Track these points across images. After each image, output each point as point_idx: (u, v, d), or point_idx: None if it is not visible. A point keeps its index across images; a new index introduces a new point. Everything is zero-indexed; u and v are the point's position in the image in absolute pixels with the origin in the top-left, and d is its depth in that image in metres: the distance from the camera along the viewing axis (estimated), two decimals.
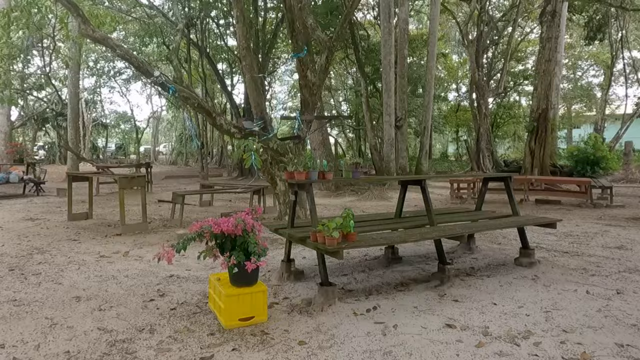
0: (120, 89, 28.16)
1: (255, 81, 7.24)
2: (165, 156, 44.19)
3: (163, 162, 39.02)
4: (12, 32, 11.09)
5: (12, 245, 5.66)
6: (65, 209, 9.18)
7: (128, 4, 18.92)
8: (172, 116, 39.29)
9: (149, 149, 45.39)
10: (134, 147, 47.72)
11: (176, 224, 7.15)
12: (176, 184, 16.05)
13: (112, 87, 29.47)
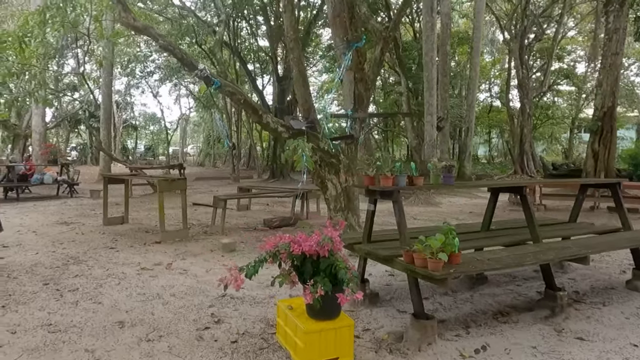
0: (152, 90, 28.16)
1: (304, 76, 6.63)
2: (193, 157, 44.38)
3: (191, 164, 39.09)
4: (48, 31, 10.86)
5: (46, 254, 5.22)
6: (99, 212, 8.81)
7: (160, 4, 18.73)
8: (200, 117, 39.31)
9: (177, 150, 45.67)
10: (163, 149, 48.27)
11: (217, 231, 6.61)
12: (207, 186, 15.65)
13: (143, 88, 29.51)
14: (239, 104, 5.73)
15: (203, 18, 18.26)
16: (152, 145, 45.89)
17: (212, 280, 4.22)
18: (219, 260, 5.01)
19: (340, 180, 6.30)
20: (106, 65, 15.48)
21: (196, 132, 47.45)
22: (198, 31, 17.64)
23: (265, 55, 20.68)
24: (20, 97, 10.89)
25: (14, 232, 6.57)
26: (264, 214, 8.88)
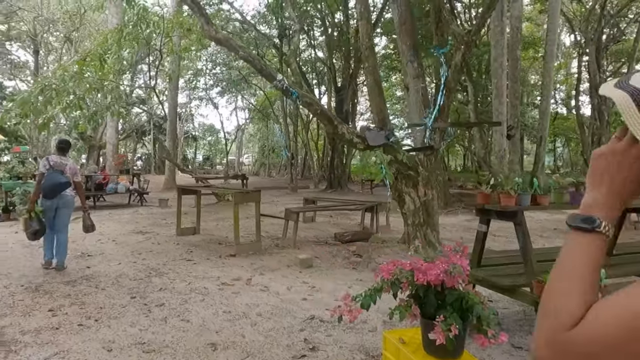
0: (213, 103, 29.20)
1: (379, 85, 6.39)
2: (248, 167, 45.45)
3: (246, 173, 40.00)
4: (124, 47, 11.43)
5: (128, 264, 5.29)
6: (170, 222, 9.02)
7: (222, 19, 19.37)
8: (256, 128, 40.21)
9: (233, 160, 46.99)
10: (220, 158, 49.91)
11: (289, 244, 6.45)
12: (268, 196, 15.74)
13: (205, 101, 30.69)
14: (315, 114, 5.58)
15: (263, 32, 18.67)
16: (210, 155, 47.65)
17: (295, 299, 4.03)
18: (297, 276, 4.82)
19: (419, 194, 5.93)
20: (173, 78, 16.15)
21: (251, 142, 48.64)
22: (260, 44, 18.04)
23: (322, 65, 20.73)
24: (99, 111, 11.46)
25: (96, 241, 6.80)
26: (330, 226, 8.67)
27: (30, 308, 3.71)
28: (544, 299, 0.63)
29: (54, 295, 4.05)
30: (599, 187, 0.64)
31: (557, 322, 0.58)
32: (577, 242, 0.63)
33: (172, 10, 15.75)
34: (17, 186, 9.47)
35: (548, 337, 0.59)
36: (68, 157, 5.42)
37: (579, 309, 0.57)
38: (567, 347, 0.56)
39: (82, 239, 6.92)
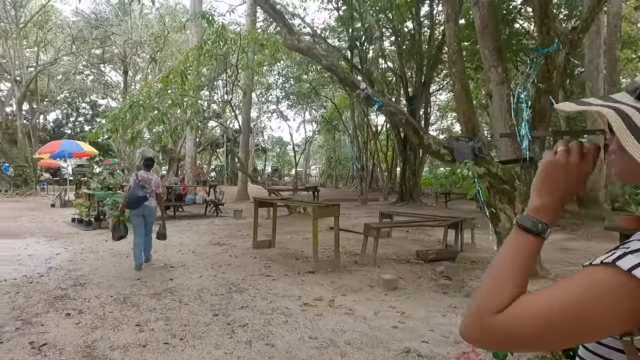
0: (283, 116, 29.88)
1: (467, 91, 5.90)
2: (315, 178, 45.79)
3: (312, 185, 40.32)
4: (203, 64, 11.91)
5: (208, 278, 5.25)
6: (246, 233, 9.06)
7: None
8: (323, 140, 40.48)
9: (301, 172, 47.62)
10: (287, 170, 50.90)
11: (369, 262, 6.09)
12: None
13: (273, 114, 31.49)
14: (400, 124, 5.24)
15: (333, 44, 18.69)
16: (279, 167, 48.74)
17: (385, 326, 3.66)
18: (383, 299, 4.45)
19: (516, 211, 5.31)
20: (247, 93, 16.62)
21: (318, 153, 49.08)
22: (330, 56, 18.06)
23: (392, 75, 20.28)
24: (180, 125, 11.99)
25: (177, 252, 6.94)
26: (408, 242, 8.19)
27: (119, 321, 3.71)
28: (481, 284, 0.69)
29: (140, 309, 4.05)
30: (550, 194, 0.72)
31: (486, 305, 0.65)
32: (520, 240, 0.71)
33: (246, 27, 16.27)
34: (108, 196, 10.09)
35: (475, 319, 0.66)
36: (152, 172, 6.25)
37: (508, 298, 0.64)
38: (489, 329, 0.64)
39: (164, 249, 7.12)
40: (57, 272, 5.46)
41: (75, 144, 17.02)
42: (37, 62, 21.52)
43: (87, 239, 8.15)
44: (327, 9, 18.66)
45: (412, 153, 18.00)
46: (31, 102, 23.05)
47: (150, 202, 5.82)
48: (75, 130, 33.66)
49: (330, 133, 35.73)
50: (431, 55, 17.37)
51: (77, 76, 29.13)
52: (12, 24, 19.23)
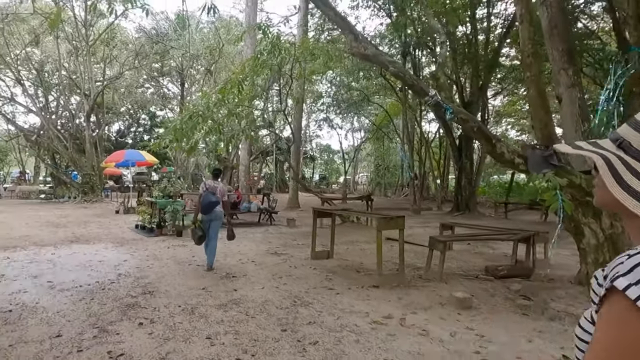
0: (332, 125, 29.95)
1: (543, 96, 5.49)
2: (363, 187, 45.43)
3: (361, 193, 39.97)
4: (259, 74, 12.10)
5: (271, 290, 5.19)
6: (301, 243, 9.01)
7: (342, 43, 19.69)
8: (372, 147, 40.12)
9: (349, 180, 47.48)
10: (335, 178, 50.90)
11: (434, 277, 5.79)
12: None
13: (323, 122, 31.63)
14: (471, 132, 4.94)
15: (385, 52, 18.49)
16: (326, 175, 48.85)
17: (465, 351, 3.39)
18: (457, 319, 4.16)
19: (604, 226, 4.84)
20: (299, 102, 16.75)
21: (366, 161, 48.74)
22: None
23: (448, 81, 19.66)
24: (235, 135, 12.22)
25: (237, 260, 6.98)
26: (472, 256, 7.76)
27: (189, 333, 3.70)
28: None
29: (209, 320, 4.03)
30: None
31: None
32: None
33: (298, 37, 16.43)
34: (168, 204, 10.43)
35: None
36: (219, 181, 6.75)
37: None
38: None
39: (224, 257, 7.19)
40: (126, 279, 5.62)
41: (138, 153, 17.89)
42: (103, 76, 22.98)
43: (150, 246, 8.42)
44: (378, 16, 18.41)
45: (468, 161, 17.31)
46: (98, 114, 24.59)
47: (218, 208, 6.38)
48: (136, 139, 35.58)
49: (379, 141, 35.35)
50: (488, 59, 16.69)
51: (138, 89, 30.85)
52: (82, 42, 20.66)
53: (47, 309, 4.37)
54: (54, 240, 8.83)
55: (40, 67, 23.59)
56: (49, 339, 3.57)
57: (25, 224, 11.35)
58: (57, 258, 6.98)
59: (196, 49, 21.79)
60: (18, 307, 4.43)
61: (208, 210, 6.28)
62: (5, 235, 9.26)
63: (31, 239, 8.85)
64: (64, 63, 22.73)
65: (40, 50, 23.76)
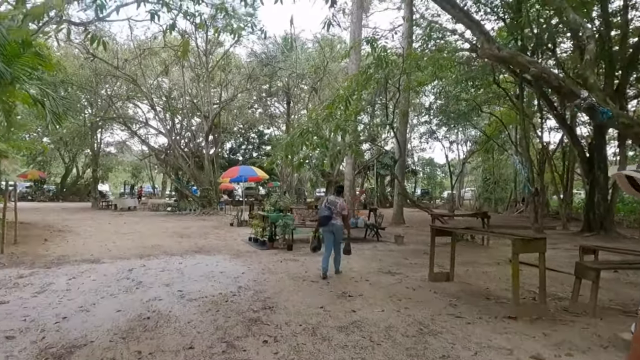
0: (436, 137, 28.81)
1: None
2: (469, 202, 42.72)
3: (468, 208, 37.57)
4: (367, 88, 12.00)
5: (392, 313, 4.85)
6: (413, 262, 8.53)
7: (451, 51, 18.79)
8: (479, 160, 37.63)
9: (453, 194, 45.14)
10: (439, 192, 48.71)
11: (583, 310, 4.91)
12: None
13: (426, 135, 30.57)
14: (637, 138, 4.12)
15: None
16: (429, 189, 46.98)
17: None
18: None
19: None
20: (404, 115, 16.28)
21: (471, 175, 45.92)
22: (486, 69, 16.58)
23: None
24: (342, 150, 12.20)
25: (349, 279, 6.77)
26: (624, 286, 6.54)
27: (314, 357, 3.54)
28: None
29: (332, 344, 3.84)
30: None
31: None
32: None
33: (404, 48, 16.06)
34: (280, 218, 10.71)
35: None
36: (341, 197, 7.38)
37: None
38: None
39: (336, 275, 7.04)
40: (246, 292, 5.74)
41: (250, 169, 18.98)
42: (220, 99, 25.07)
43: (264, 259, 8.64)
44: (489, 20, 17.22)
45: (602, 174, 15.10)
46: (215, 133, 26.82)
47: (337, 221, 6.88)
48: (245, 156, 38.09)
49: (488, 153, 32.98)
50: (625, 57, 14.51)
51: (248, 110, 33.12)
52: (203, 69, 22.80)
53: (179, 318, 4.59)
54: (180, 250, 9.57)
55: (168, 93, 26.60)
56: (183, 350, 3.69)
57: (156, 234, 12.59)
58: (184, 267, 7.49)
59: (302, 68, 22.65)
60: (154, 314, 4.72)
61: (324, 222, 6.91)
62: (141, 245, 10.31)
63: (162, 248, 9.71)
64: (187, 89, 25.31)
65: (169, 78, 26.81)
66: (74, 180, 39.19)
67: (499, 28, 17.12)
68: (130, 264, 7.78)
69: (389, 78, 12.20)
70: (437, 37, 16.69)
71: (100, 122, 27.64)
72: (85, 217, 18.83)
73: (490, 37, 4.47)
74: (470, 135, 35.57)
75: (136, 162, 43.09)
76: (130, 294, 5.63)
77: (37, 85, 9.25)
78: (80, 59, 23.36)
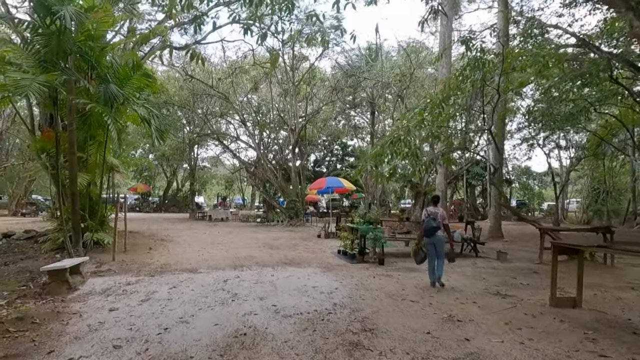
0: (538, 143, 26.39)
1: None
2: (575, 214, 38.44)
3: (573, 221, 33.72)
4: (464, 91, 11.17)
5: (514, 345, 4.15)
6: (526, 283, 7.54)
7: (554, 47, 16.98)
8: (586, 168, 33.71)
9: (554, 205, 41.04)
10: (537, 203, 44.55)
11: None
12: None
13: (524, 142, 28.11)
14: None
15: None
16: (526, 200, 43.14)
17: None
18: None
19: None
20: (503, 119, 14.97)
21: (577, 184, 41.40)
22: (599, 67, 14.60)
23: None
24: (435, 159, 11.45)
25: (454, 299, 6.09)
26: None
27: None
28: None
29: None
30: None
31: None
32: None
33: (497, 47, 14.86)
34: (370, 230, 10.27)
35: None
36: (438, 207, 7.34)
37: None
38: None
39: (437, 293, 6.40)
40: (342, 311, 5.38)
41: (337, 180, 18.85)
42: (306, 112, 25.49)
43: (355, 273, 8.25)
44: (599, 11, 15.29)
45: None
46: (301, 146, 27.31)
47: (440, 232, 7.03)
48: (329, 168, 38.33)
49: (598, 159, 29.31)
50: None
51: (332, 122, 33.34)
52: (289, 84, 23.38)
53: (276, 336, 4.36)
54: (271, 261, 9.56)
55: (257, 109, 27.74)
56: None
57: (248, 245, 12.86)
58: (276, 280, 7.37)
59: (387, 77, 22.16)
60: (251, 330, 4.56)
61: (430, 234, 7.00)
62: (235, 255, 10.53)
63: (254, 260, 9.80)
64: (275, 104, 26.16)
65: (258, 95, 27.98)
66: (174, 193, 42.59)
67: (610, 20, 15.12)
68: (225, 274, 7.88)
69: (486, 80, 11.24)
70: (537, 33, 15.19)
71: (197, 138, 29.66)
72: (184, 227, 20.10)
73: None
74: (575, 141, 31.98)
75: (228, 175, 45.66)
76: (226, 306, 5.58)
77: (144, 105, 9.96)
78: (179, 80, 25.34)
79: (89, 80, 9.45)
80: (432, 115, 11.10)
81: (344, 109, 31.23)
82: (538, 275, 8.46)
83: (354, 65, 24.15)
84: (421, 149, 12.15)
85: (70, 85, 9.31)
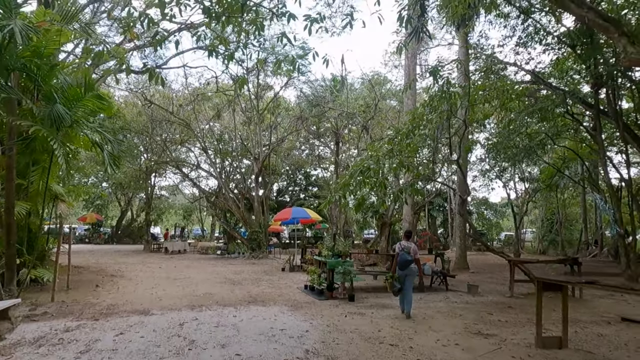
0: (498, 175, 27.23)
1: None
2: (531, 244, 39.67)
3: (530, 251, 34.65)
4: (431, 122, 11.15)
5: None
6: (504, 320, 7.22)
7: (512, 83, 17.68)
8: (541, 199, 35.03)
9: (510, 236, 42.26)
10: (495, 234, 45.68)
11: None
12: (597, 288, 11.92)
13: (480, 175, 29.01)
14: None
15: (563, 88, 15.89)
16: (484, 231, 44.17)
17: None
18: None
19: None
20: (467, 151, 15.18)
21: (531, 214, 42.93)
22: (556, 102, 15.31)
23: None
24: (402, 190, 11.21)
25: (436, 341, 5.62)
26: None
27: None
28: None
29: None
30: None
31: None
32: None
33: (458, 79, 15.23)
34: (339, 264, 9.75)
35: None
36: (410, 241, 7.77)
37: None
38: None
39: (414, 334, 5.92)
40: (316, 359, 4.78)
41: (303, 211, 18.30)
42: (270, 141, 25.05)
43: (325, 312, 7.66)
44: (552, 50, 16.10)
45: None
46: (264, 175, 26.68)
47: (413, 266, 7.35)
48: (293, 198, 37.72)
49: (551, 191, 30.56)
50: None
51: (295, 151, 33.06)
52: (253, 112, 22.98)
53: None
54: (233, 300, 8.78)
55: (219, 137, 27.00)
56: None
57: (207, 280, 11.94)
58: (239, 322, 6.65)
59: (352, 108, 22.25)
60: None
61: (405, 266, 7.29)
62: (192, 293, 9.64)
63: (214, 297, 8.98)
64: (238, 132, 25.58)
65: (220, 122, 27.32)
66: (128, 223, 40.30)
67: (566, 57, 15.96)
68: (181, 316, 7.06)
69: (453, 111, 11.31)
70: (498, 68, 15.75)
71: (154, 166, 28.37)
72: (137, 260, 18.71)
73: (636, 39, 3.53)
74: (530, 173, 33.34)
75: (187, 205, 43.92)
76: (181, 357, 4.84)
77: (97, 130, 9.16)
78: (138, 106, 24.33)
79: (34, 101, 8.58)
80: (401, 146, 10.97)
81: (308, 139, 31.06)
82: (513, 310, 8.20)
83: (319, 95, 24.16)
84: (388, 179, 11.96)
85: (12, 105, 8.42)
